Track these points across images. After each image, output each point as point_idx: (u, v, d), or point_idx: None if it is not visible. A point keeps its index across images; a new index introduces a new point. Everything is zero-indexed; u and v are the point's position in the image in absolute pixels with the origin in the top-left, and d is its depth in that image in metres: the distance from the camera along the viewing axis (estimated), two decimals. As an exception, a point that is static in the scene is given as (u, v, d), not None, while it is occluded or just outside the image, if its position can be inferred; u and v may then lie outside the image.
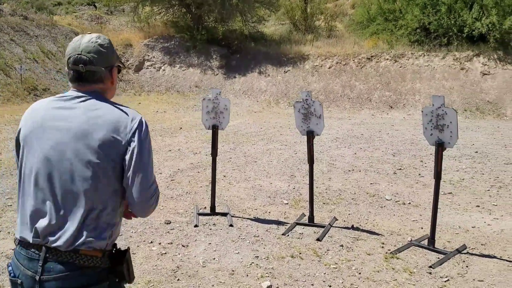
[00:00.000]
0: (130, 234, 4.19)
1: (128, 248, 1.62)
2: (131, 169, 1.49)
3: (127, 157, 1.49)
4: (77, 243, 1.45)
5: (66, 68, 1.60)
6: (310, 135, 4.50)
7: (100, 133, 1.47)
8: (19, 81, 13.83)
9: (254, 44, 18.10)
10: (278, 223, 4.58)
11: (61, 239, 1.45)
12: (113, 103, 1.57)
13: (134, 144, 1.49)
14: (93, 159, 1.46)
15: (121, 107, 1.55)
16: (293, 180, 6.18)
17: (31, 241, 1.47)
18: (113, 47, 1.65)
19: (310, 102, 4.49)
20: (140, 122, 1.53)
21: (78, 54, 1.54)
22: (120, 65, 1.71)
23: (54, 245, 1.44)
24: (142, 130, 1.52)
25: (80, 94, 1.55)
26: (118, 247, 1.59)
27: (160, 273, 3.43)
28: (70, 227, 1.45)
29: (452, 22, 14.95)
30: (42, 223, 1.47)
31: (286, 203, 5.25)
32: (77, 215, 1.46)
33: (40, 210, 1.48)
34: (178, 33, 18.45)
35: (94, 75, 1.56)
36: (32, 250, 1.47)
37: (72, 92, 1.57)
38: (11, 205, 4.86)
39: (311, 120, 4.49)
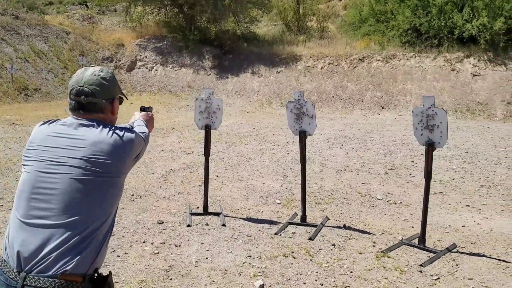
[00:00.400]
0: (122, 234, 4.18)
1: (110, 272, 1.57)
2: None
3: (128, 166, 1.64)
4: (56, 268, 1.40)
5: (68, 99, 1.65)
6: (303, 135, 4.53)
7: (96, 153, 1.51)
8: (10, 81, 13.72)
9: (247, 44, 18.13)
10: (271, 222, 4.60)
11: (40, 264, 1.41)
12: (111, 127, 1.60)
13: (131, 160, 1.63)
14: (87, 177, 1.49)
15: (117, 131, 1.59)
16: (285, 180, 6.21)
17: (11, 265, 1.43)
18: (115, 80, 1.71)
19: (303, 102, 4.51)
20: (131, 140, 1.61)
21: (80, 86, 1.60)
22: (122, 96, 1.77)
23: (32, 271, 1.40)
24: (132, 147, 1.62)
25: (80, 121, 1.59)
26: (100, 272, 1.53)
27: (152, 273, 3.43)
28: (50, 251, 1.41)
29: (443, 23, 15.09)
30: (22, 245, 1.43)
31: (278, 203, 5.27)
32: (58, 238, 1.43)
33: (21, 231, 1.46)
34: (170, 33, 18.42)
35: (95, 106, 1.62)
36: (11, 276, 1.42)
37: (73, 120, 1.60)
38: (2, 205, 4.83)
39: (304, 120, 4.51)
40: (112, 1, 19.70)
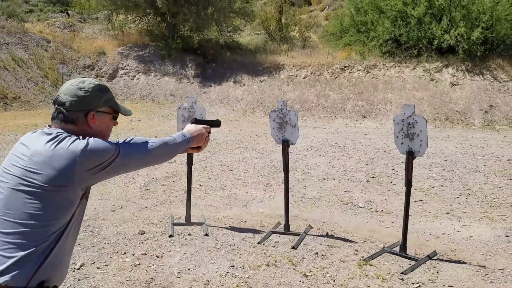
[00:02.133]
0: (102, 245, 4.11)
1: (55, 286, 1.50)
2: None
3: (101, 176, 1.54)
4: None
5: None
6: (285, 144, 4.55)
7: (32, 164, 1.46)
8: (-12, 89, 13.45)
9: (230, 53, 18.19)
10: (254, 231, 4.58)
11: None
12: (66, 138, 1.50)
13: (81, 173, 1.47)
14: (23, 187, 1.44)
15: (64, 141, 1.48)
16: (268, 189, 6.21)
17: None
18: (98, 92, 1.61)
19: (285, 112, 4.53)
20: (74, 152, 1.46)
21: (58, 95, 1.59)
22: (111, 109, 1.67)
23: None
24: (76, 159, 1.46)
25: (47, 130, 1.55)
26: (45, 285, 1.44)
27: (133, 285, 3.38)
28: None
29: (422, 34, 15.42)
30: None
31: (261, 212, 5.27)
32: None
33: None
34: (152, 42, 18.35)
35: (65, 116, 1.57)
36: None
37: (44, 129, 1.58)
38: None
39: (286, 129, 4.53)
40: (94, 9, 19.55)
